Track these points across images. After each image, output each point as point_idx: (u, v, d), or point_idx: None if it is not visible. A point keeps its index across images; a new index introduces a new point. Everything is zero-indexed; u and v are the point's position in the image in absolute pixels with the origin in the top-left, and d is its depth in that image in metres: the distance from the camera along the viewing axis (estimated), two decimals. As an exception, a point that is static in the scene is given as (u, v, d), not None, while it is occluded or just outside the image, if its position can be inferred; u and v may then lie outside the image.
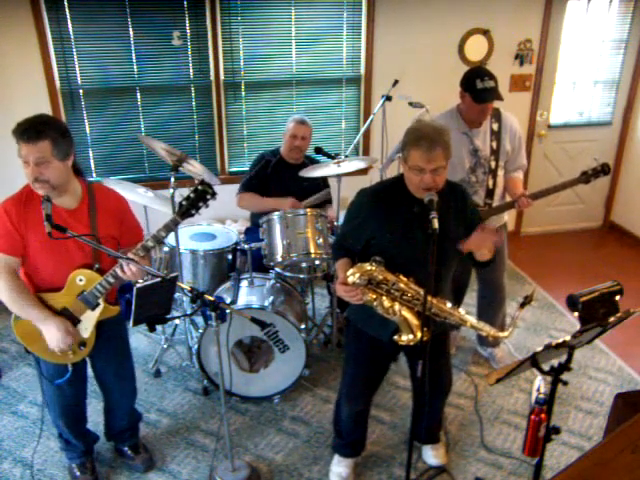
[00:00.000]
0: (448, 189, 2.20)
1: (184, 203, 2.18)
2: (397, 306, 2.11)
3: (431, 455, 2.78)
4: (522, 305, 2.16)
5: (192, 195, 2.18)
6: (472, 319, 2.22)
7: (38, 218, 2.11)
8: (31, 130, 2.05)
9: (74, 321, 2.26)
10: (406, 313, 2.13)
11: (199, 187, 2.17)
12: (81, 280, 2.22)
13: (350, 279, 2.09)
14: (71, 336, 2.22)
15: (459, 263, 2.35)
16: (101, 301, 2.26)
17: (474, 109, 2.90)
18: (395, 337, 2.18)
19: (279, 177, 3.55)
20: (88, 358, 2.46)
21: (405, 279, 2.13)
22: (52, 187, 2.12)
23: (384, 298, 2.11)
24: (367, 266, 2.09)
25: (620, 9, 4.75)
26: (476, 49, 4.55)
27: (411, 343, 2.15)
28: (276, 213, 3.17)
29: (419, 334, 2.12)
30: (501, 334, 2.25)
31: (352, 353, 2.52)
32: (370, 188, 2.29)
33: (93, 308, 2.27)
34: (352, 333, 2.49)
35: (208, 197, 2.18)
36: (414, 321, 2.13)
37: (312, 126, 3.58)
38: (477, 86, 2.82)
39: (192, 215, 2.20)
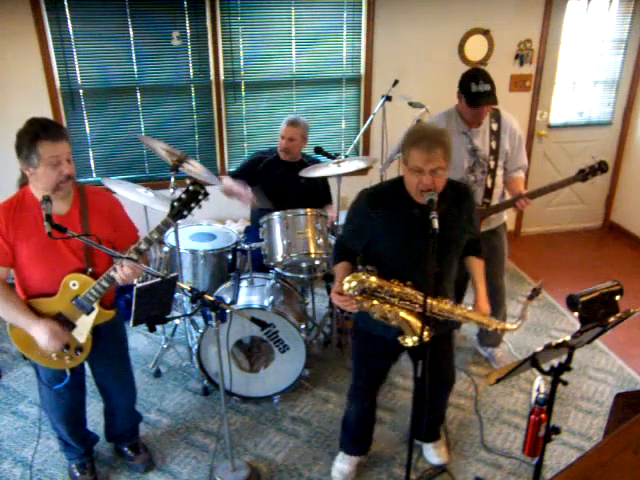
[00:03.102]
0: (450, 189, 2.20)
1: (176, 204, 2.16)
2: (395, 311, 2.12)
3: (433, 454, 2.78)
4: (530, 298, 2.16)
5: (183, 196, 2.14)
6: (475, 316, 2.22)
7: (31, 223, 2.11)
8: (55, 128, 2.08)
9: (69, 326, 2.25)
10: (406, 316, 2.13)
11: (190, 187, 2.14)
12: (75, 285, 2.20)
13: (345, 286, 2.10)
14: (59, 339, 2.19)
15: (460, 262, 2.36)
16: (96, 305, 2.23)
17: (468, 112, 2.92)
18: (399, 339, 2.18)
19: (271, 174, 3.56)
20: (87, 362, 2.44)
21: (401, 284, 2.13)
22: (73, 184, 2.17)
23: (382, 305, 2.11)
24: (361, 276, 2.10)
25: (620, 9, 4.75)
26: (476, 49, 4.55)
27: (416, 344, 2.15)
28: (276, 213, 3.17)
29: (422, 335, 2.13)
30: (509, 326, 2.25)
31: (357, 353, 2.56)
32: (369, 191, 2.28)
33: (88, 313, 2.24)
34: (357, 334, 2.52)
35: (200, 197, 2.15)
36: (417, 323, 2.13)
37: (307, 126, 3.56)
38: (471, 89, 2.82)
39: (184, 216, 2.17)
